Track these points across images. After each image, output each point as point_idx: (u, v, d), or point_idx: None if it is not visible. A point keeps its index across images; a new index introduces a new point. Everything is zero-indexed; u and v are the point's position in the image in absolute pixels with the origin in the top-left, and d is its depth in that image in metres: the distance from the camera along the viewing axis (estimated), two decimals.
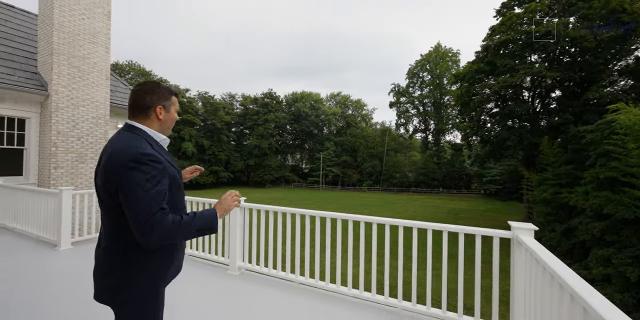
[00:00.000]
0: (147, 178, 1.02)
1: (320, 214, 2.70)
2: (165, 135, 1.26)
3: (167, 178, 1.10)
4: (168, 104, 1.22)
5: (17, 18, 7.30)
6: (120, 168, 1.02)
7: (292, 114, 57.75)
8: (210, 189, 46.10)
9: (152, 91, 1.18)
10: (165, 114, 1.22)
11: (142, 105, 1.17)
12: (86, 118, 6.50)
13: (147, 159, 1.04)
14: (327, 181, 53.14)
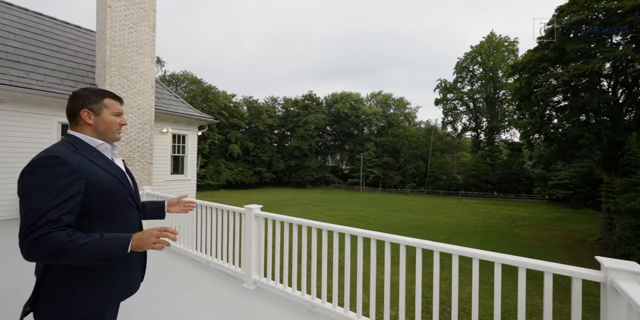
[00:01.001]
0: (44, 183, 0.91)
1: (339, 229, 2.32)
2: (107, 141, 1.16)
3: (79, 184, 0.96)
4: (97, 107, 1.13)
5: (82, 37, 8.24)
6: (22, 173, 0.94)
7: (332, 115, 57.74)
8: (254, 188, 48.31)
9: (77, 96, 1.12)
10: (95, 118, 1.12)
11: (69, 112, 1.12)
12: (134, 124, 7.02)
13: (49, 162, 0.94)
14: (367, 182, 51.91)
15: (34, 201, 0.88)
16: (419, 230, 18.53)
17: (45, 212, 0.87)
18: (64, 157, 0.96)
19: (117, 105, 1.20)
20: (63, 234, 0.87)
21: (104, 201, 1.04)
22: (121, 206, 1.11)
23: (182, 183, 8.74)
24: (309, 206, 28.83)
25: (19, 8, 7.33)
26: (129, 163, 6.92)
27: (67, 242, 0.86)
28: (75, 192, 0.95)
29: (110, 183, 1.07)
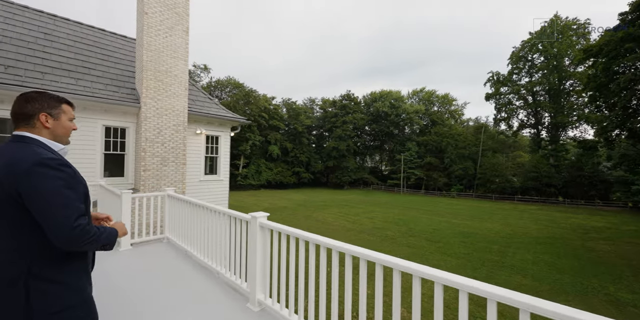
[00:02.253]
0: (61, 184, 1.01)
1: (352, 251, 1.78)
2: (62, 145, 1.21)
3: (81, 185, 1.11)
4: (56, 111, 1.19)
5: (127, 45, 8.82)
6: (24, 177, 0.98)
7: (370, 115, 56.25)
8: (293, 188, 49.12)
9: (34, 99, 1.15)
10: (53, 122, 1.18)
11: (23, 114, 1.12)
12: (168, 126, 7.22)
13: (54, 163, 1.03)
14: (408, 184, 49.38)
15: (64, 198, 1.00)
16: (467, 238, 16.76)
17: (78, 205, 1.03)
18: (63, 160, 1.08)
19: (71, 111, 1.27)
20: (93, 226, 1.07)
21: (87, 200, 1.16)
22: (89, 203, 1.21)
23: (216, 183, 8.86)
24: (347, 208, 28.19)
25: (75, 22, 8.07)
26: (163, 163, 7.14)
27: (95, 231, 1.06)
28: (83, 188, 1.11)
29: (86, 184, 1.17)
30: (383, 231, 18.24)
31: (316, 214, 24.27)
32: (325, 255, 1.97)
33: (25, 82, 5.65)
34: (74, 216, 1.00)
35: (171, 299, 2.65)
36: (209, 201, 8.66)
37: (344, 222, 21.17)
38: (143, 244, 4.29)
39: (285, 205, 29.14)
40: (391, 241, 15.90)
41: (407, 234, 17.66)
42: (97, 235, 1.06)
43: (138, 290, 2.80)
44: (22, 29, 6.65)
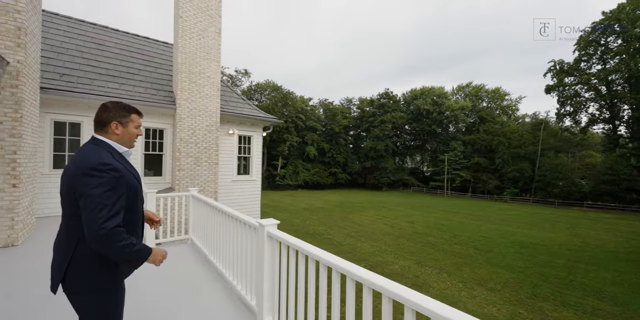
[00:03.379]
0: (103, 185, 1.13)
1: (372, 281, 1.30)
2: (127, 148, 1.37)
3: (124, 186, 1.21)
4: (125, 120, 1.35)
5: (168, 51, 9.27)
6: (82, 176, 1.14)
7: (410, 113, 53.63)
8: (330, 189, 48.88)
9: (109, 109, 1.32)
10: (122, 129, 1.34)
11: (100, 121, 1.31)
12: (201, 126, 7.34)
13: (105, 168, 1.16)
14: (453, 187, 45.90)
15: (104, 199, 1.12)
16: (524, 249, 14.76)
17: (115, 209, 1.13)
18: (114, 165, 1.20)
19: (138, 119, 1.42)
20: (124, 233, 1.14)
21: (132, 198, 1.29)
22: (139, 201, 1.37)
23: (248, 183, 8.86)
24: (384, 210, 27.02)
25: (123, 32, 8.70)
26: (197, 163, 7.27)
27: (127, 240, 1.14)
28: (124, 191, 1.21)
29: (136, 184, 1.32)
30: (424, 237, 16.95)
31: (352, 216, 23.62)
32: (338, 282, 1.51)
33: (76, 88, 6.12)
34: (104, 218, 1.09)
35: (177, 308, 2.42)
36: (241, 201, 8.71)
37: (381, 225, 20.22)
38: (168, 244, 4.24)
39: (321, 206, 28.94)
40: (434, 248, 14.64)
41: (451, 241, 16.16)
42: (126, 244, 1.14)
43: (147, 294, 2.63)
44: (77, 40, 7.30)
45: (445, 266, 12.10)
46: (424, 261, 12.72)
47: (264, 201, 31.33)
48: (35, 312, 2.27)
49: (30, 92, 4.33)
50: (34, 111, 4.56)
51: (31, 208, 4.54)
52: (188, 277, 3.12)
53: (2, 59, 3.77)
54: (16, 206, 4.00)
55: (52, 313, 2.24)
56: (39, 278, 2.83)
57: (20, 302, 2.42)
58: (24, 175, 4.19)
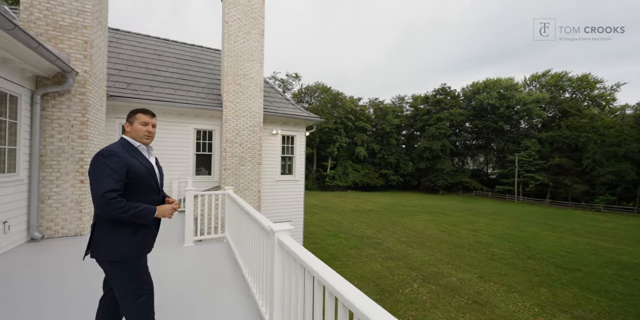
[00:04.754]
0: (103, 167, 1.45)
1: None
2: (142, 143, 1.68)
3: (124, 168, 1.49)
4: (132, 119, 1.68)
5: (218, 57, 9.82)
6: (92, 160, 1.49)
7: (472, 109, 48.59)
8: (380, 191, 47.19)
9: (128, 114, 1.72)
10: (130, 127, 1.67)
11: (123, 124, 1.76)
12: (245, 127, 7.51)
13: (107, 154, 1.48)
14: (525, 192, 40.00)
15: (103, 177, 1.43)
16: (625, 271, 11.84)
17: (104, 184, 1.41)
18: (116, 151, 1.52)
19: (144, 117, 1.69)
20: (123, 200, 1.45)
21: (135, 182, 1.56)
22: (147, 188, 1.63)
23: (291, 184, 8.82)
24: (440, 215, 24.80)
25: (180, 42, 9.52)
26: (241, 163, 7.45)
27: (125, 205, 1.44)
28: (123, 171, 1.49)
29: (140, 170, 1.58)
30: (489, 247, 14.91)
31: (404, 220, 22.20)
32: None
33: (139, 95, 6.80)
34: (103, 190, 1.40)
35: (192, 311, 2.28)
36: (284, 201, 8.71)
37: (437, 231, 18.52)
38: (204, 242, 4.30)
39: (371, 209, 27.99)
40: (501, 262, 12.72)
41: (524, 254, 13.86)
42: (125, 209, 1.43)
43: (167, 291, 2.57)
44: (142, 53, 8.18)
45: (516, 284, 10.34)
46: (488, 276, 11.10)
47: (313, 201, 31.73)
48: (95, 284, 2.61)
49: (96, 99, 4.86)
50: (100, 116, 5.12)
51: None
52: (213, 279, 3.02)
53: (72, 70, 4.28)
54: (83, 200, 4.49)
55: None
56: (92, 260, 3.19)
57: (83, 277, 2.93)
58: None
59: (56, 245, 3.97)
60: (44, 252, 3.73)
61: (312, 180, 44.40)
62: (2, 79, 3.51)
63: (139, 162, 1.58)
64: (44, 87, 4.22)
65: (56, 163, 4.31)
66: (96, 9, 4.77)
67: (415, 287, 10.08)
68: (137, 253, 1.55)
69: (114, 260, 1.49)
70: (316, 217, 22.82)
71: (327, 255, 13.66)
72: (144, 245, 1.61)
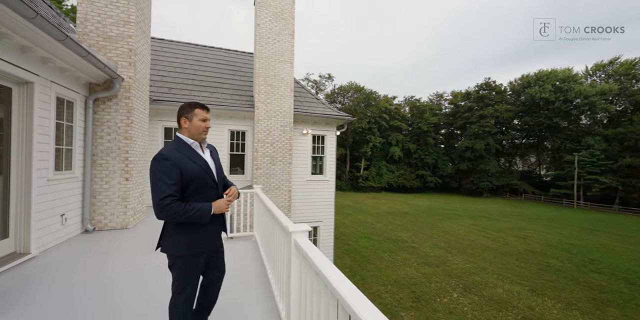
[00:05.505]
0: (156, 172, 1.51)
1: None
2: (197, 140, 1.70)
3: (177, 171, 1.53)
4: (190, 115, 1.67)
5: (252, 60, 10.11)
6: (150, 164, 1.55)
7: (521, 104, 44.37)
8: (417, 193, 45.18)
9: (180, 108, 1.70)
10: (189, 123, 1.67)
11: (177, 119, 1.71)
12: (276, 127, 7.60)
13: (160, 158, 1.52)
14: (588, 196, 35.33)
15: (158, 182, 1.49)
16: None
17: (161, 190, 1.47)
18: (168, 155, 1.54)
19: (203, 113, 1.70)
20: (179, 204, 1.50)
21: (192, 182, 1.59)
22: (203, 187, 1.66)
23: (322, 184, 8.74)
24: (484, 220, 22.94)
25: (217, 48, 10.00)
26: (272, 162, 7.55)
27: (181, 209, 1.50)
28: (177, 174, 1.53)
29: (193, 171, 1.60)
30: (542, 258, 13.38)
31: (443, 224, 20.93)
32: None
33: (179, 98, 7.24)
34: (158, 197, 1.46)
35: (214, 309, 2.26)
36: (314, 201, 8.65)
37: (480, 237, 17.13)
38: (235, 240, 4.37)
39: (406, 211, 26.89)
40: (557, 274, 11.32)
41: (586, 267, 12.18)
42: (181, 213, 1.50)
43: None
44: (182, 59, 8.72)
45: (576, 301, 9.08)
46: (542, 289, 9.92)
47: (347, 202, 31.41)
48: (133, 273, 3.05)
49: (139, 102, 5.23)
50: (144, 118, 5.51)
51: (141, 198, 5.48)
52: (236, 280, 3.01)
53: (118, 76, 4.65)
54: (128, 196, 4.85)
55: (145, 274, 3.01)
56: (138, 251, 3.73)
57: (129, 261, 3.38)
58: (135, 171, 5.07)
59: (106, 237, 4.34)
60: (96, 242, 4.09)
61: (345, 181, 44.04)
62: (61, 87, 3.91)
63: (192, 161, 1.61)
64: (96, 93, 4.64)
65: (105, 162, 4.72)
66: (140, 19, 5.14)
67: (455, 296, 9.36)
68: (194, 251, 1.62)
69: (172, 255, 1.61)
70: (349, 219, 22.51)
71: (360, 257, 13.34)
72: (204, 242, 1.67)
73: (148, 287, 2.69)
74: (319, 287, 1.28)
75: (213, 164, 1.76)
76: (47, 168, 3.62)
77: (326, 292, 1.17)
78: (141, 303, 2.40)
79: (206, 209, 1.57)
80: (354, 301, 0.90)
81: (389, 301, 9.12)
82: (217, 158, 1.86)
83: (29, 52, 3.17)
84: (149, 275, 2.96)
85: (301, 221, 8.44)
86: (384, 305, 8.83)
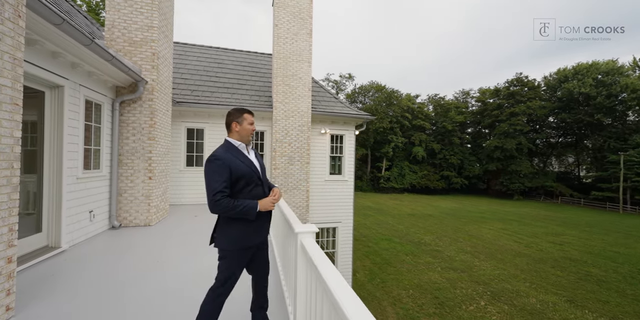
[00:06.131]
0: (209, 171, 1.66)
1: None
2: (244, 142, 1.86)
3: (227, 170, 1.67)
4: (240, 119, 1.84)
5: (271, 61, 10.19)
6: (204, 165, 1.71)
7: (557, 100, 41.39)
8: (441, 194, 43.55)
9: (230, 114, 1.86)
10: (239, 127, 1.83)
11: (227, 124, 1.87)
12: (294, 126, 7.59)
13: (213, 159, 1.68)
14: (636, 200, 32.13)
15: (211, 180, 1.64)
16: None
17: (213, 187, 1.62)
18: (218, 156, 1.69)
19: (250, 117, 1.87)
20: (228, 200, 1.64)
21: (240, 180, 1.73)
22: (250, 184, 1.79)
23: (340, 184, 8.61)
24: (515, 224, 21.58)
25: (238, 50, 10.19)
26: (290, 162, 7.54)
27: (230, 204, 1.63)
28: (227, 173, 1.67)
29: (242, 170, 1.74)
30: (582, 266, 12.31)
31: (469, 227, 19.96)
32: None
33: (201, 100, 7.44)
34: (211, 193, 1.61)
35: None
36: (333, 202, 8.53)
37: (510, 242, 16.12)
38: None
39: (430, 213, 25.98)
40: (600, 285, 10.34)
41: (634, 279, 11.03)
42: (230, 208, 1.62)
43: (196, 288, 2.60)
44: (205, 62, 8.98)
45: (622, 315, 8.23)
46: (582, 301, 9.10)
47: (367, 203, 30.93)
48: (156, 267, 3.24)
49: (162, 104, 5.43)
50: (166, 120, 5.71)
51: (164, 197, 5.68)
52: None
53: (142, 79, 4.84)
54: (151, 194, 5.03)
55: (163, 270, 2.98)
56: (157, 247, 3.87)
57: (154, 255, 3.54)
58: (157, 170, 5.26)
59: (131, 233, 4.53)
60: (122, 238, 4.28)
61: (366, 182, 43.45)
62: (89, 90, 4.13)
63: (240, 161, 1.74)
64: (122, 95, 4.86)
65: (130, 161, 4.93)
66: (162, 24, 5.33)
67: (483, 304, 8.83)
68: (243, 246, 1.73)
69: (223, 248, 1.72)
70: (369, 220, 22.13)
71: (380, 260, 13.04)
72: (252, 236, 1.77)
73: (167, 282, 2.74)
74: (322, 294, 1.19)
75: (258, 164, 1.89)
76: (76, 167, 3.83)
77: (328, 300, 1.08)
78: (159, 297, 2.46)
79: (252, 206, 1.68)
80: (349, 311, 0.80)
81: (410, 306, 8.79)
82: (260, 159, 1.99)
83: (59, 58, 3.37)
84: (169, 271, 3.04)
85: (319, 222, 8.36)
86: (405, 310, 8.53)
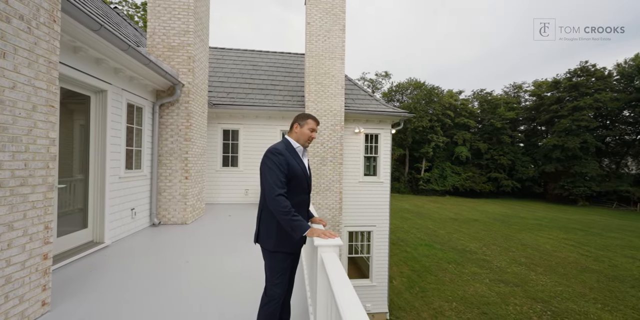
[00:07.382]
0: (269, 163, 1.66)
1: None
2: (302, 145, 1.88)
3: (286, 167, 1.67)
4: (303, 122, 1.87)
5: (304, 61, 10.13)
6: (263, 157, 1.72)
7: (634, 91, 35.47)
8: (488, 198, 40.00)
9: (297, 116, 1.92)
10: (299, 129, 1.87)
11: (291, 124, 1.93)
12: (326, 126, 7.38)
13: (275, 151, 1.70)
14: None
15: (272, 173, 1.63)
16: None
17: (280, 183, 1.61)
18: (280, 150, 1.71)
19: (313, 124, 1.90)
20: (288, 203, 1.59)
21: (292, 179, 1.71)
22: (300, 187, 1.78)
23: (375, 186, 8.19)
24: (581, 234, 18.86)
25: (272, 52, 10.31)
26: (322, 163, 7.35)
27: (287, 209, 1.57)
28: (285, 168, 1.68)
29: (296, 169, 1.74)
30: None
31: (523, 235, 17.93)
32: None
33: (235, 102, 7.61)
34: (275, 185, 1.60)
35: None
36: (367, 204, 8.14)
37: (575, 255, 14.08)
38: None
39: (475, 218, 23.97)
40: None
41: None
42: (286, 211, 1.56)
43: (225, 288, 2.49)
44: (241, 65, 9.22)
45: None
46: None
47: (405, 206, 29.59)
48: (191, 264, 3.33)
49: (198, 106, 5.59)
50: (202, 121, 5.88)
51: (200, 196, 5.86)
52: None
53: (179, 82, 5.02)
54: (187, 194, 5.20)
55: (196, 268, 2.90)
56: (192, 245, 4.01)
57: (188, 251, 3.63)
58: (193, 170, 5.42)
59: (170, 230, 4.71)
60: (161, 235, 4.46)
61: (403, 183, 41.70)
62: (130, 94, 4.37)
63: (296, 162, 1.76)
64: (161, 98, 5.09)
65: (168, 162, 5.14)
66: (198, 28, 5.49)
67: None
68: (279, 250, 1.69)
69: (267, 248, 1.70)
70: (407, 223, 21.08)
71: (419, 267, 12.24)
72: (287, 245, 1.71)
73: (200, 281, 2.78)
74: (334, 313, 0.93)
75: (308, 171, 1.91)
76: (119, 167, 4.05)
77: None
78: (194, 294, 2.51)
79: (303, 226, 1.58)
80: None
81: None
82: (310, 170, 1.98)
83: (102, 64, 3.57)
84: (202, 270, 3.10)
85: (353, 225, 8.03)
86: None
